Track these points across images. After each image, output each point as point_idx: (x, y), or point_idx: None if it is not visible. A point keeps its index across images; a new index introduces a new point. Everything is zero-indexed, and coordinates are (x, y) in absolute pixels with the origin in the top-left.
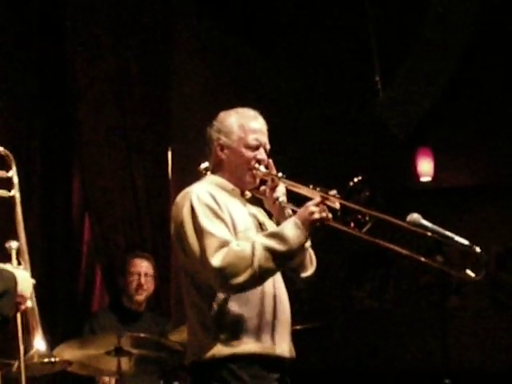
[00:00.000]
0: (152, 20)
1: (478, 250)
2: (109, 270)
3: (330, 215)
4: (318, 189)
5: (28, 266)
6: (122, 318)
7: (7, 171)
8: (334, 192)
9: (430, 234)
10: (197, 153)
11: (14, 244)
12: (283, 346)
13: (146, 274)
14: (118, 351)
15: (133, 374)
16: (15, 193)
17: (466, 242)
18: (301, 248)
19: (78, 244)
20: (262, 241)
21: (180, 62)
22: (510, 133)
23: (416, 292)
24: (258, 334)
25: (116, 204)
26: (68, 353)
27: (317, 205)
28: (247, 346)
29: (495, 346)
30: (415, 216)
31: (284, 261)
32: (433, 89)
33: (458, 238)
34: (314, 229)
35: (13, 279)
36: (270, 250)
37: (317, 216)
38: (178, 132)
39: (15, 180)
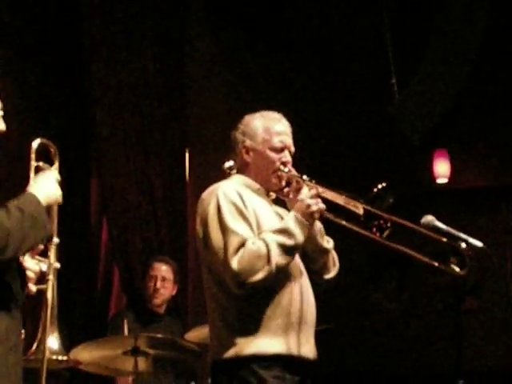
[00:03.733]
0: (167, 22)
1: (463, 246)
2: (126, 272)
3: (324, 206)
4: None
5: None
6: (143, 320)
7: (50, 165)
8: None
9: (443, 235)
10: (214, 154)
11: (55, 240)
12: (307, 348)
13: (163, 279)
14: (135, 351)
15: (150, 374)
16: None
17: (479, 244)
18: (306, 240)
19: (96, 246)
20: (273, 238)
21: (197, 64)
22: None
23: (433, 293)
24: (283, 334)
25: (133, 206)
26: (85, 353)
27: (312, 197)
28: (271, 346)
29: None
30: (430, 218)
31: (294, 254)
32: (448, 91)
33: (471, 240)
34: (314, 220)
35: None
36: (282, 246)
37: (314, 208)
38: (195, 134)
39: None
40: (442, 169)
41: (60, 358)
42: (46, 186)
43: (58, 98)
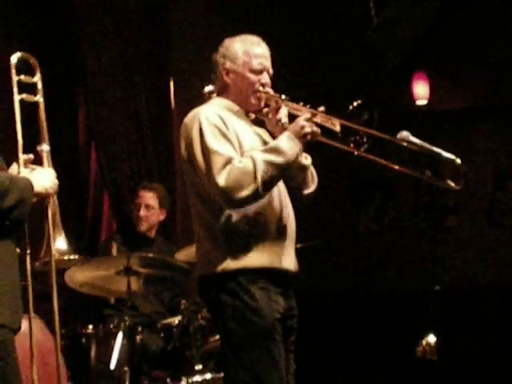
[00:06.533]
0: None
1: (458, 161)
2: (116, 198)
3: (319, 130)
4: (318, 109)
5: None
6: (133, 243)
7: (32, 76)
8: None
9: (418, 149)
10: (197, 83)
11: (45, 147)
12: (289, 260)
13: (147, 206)
14: (128, 271)
15: (142, 294)
16: (39, 98)
17: (452, 157)
18: (296, 159)
19: (85, 173)
20: (261, 155)
21: None
22: (505, 54)
23: (415, 213)
24: (265, 248)
25: (120, 134)
26: (79, 274)
27: (307, 120)
28: (255, 259)
29: (491, 262)
30: (405, 133)
31: (282, 172)
32: (426, 12)
33: (445, 154)
34: (306, 143)
35: (29, 187)
36: (270, 163)
37: (308, 129)
38: (179, 63)
39: (39, 86)
40: (421, 91)
41: (71, 257)
42: (43, 178)
43: (43, 30)
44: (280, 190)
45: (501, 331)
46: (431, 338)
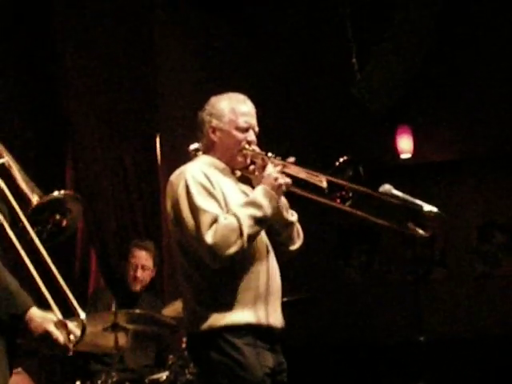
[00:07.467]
0: (137, 9)
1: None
2: (102, 254)
3: (290, 180)
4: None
5: None
6: (121, 300)
7: None
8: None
9: (400, 202)
10: (183, 139)
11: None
12: (275, 317)
13: (143, 267)
14: (115, 327)
15: (130, 349)
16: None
17: (435, 210)
18: (274, 210)
19: None
20: (242, 211)
21: (167, 50)
22: (488, 108)
23: (401, 265)
24: (251, 305)
25: (107, 190)
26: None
27: (278, 172)
28: (241, 316)
29: (476, 314)
30: (387, 187)
31: (263, 225)
32: (410, 66)
33: (427, 206)
34: (282, 193)
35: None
36: (251, 217)
37: (281, 181)
38: (166, 119)
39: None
40: (405, 144)
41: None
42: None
43: (32, 89)
44: (265, 247)
45: (484, 382)
46: None
